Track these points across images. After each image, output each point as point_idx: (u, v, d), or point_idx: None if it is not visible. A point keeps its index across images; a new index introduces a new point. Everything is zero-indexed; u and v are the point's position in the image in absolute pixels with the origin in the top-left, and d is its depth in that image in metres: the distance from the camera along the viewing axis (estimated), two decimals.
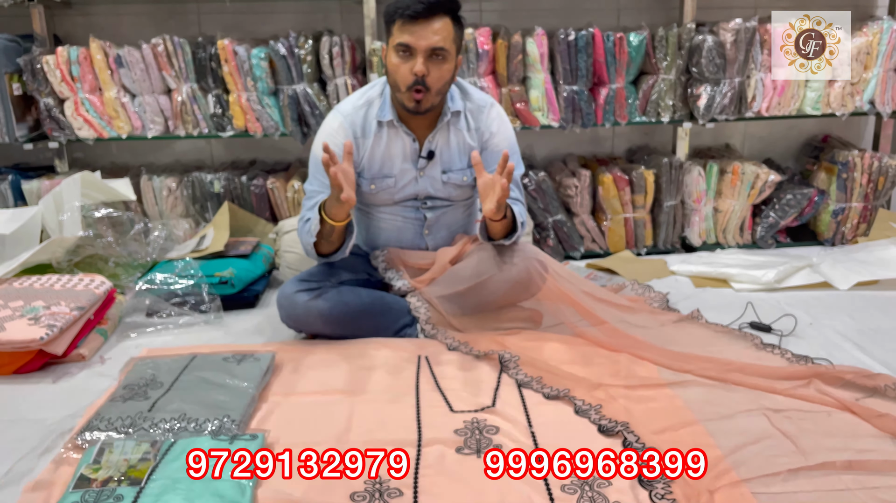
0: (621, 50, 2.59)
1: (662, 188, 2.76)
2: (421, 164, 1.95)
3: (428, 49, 1.74)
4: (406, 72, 1.77)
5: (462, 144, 1.96)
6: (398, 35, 1.76)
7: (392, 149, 1.92)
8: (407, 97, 1.80)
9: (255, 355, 1.74)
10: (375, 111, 1.92)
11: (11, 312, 1.87)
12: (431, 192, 1.98)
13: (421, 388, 1.64)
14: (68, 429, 1.52)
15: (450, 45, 1.78)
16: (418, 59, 1.75)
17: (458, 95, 1.95)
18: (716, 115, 2.71)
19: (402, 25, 1.75)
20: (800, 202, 2.77)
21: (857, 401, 1.52)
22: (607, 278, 2.47)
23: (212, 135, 2.67)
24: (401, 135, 1.92)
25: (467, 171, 1.98)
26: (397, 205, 2.00)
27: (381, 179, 1.94)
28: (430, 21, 1.74)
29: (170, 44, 2.53)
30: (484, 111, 1.97)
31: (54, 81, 2.56)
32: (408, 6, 1.72)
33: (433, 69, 1.77)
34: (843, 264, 2.44)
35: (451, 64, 1.80)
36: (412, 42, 1.74)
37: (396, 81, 1.81)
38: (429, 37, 1.74)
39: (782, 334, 1.96)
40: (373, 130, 1.91)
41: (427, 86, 1.77)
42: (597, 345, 1.84)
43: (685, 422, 1.46)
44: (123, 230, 2.41)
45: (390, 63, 1.80)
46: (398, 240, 2.05)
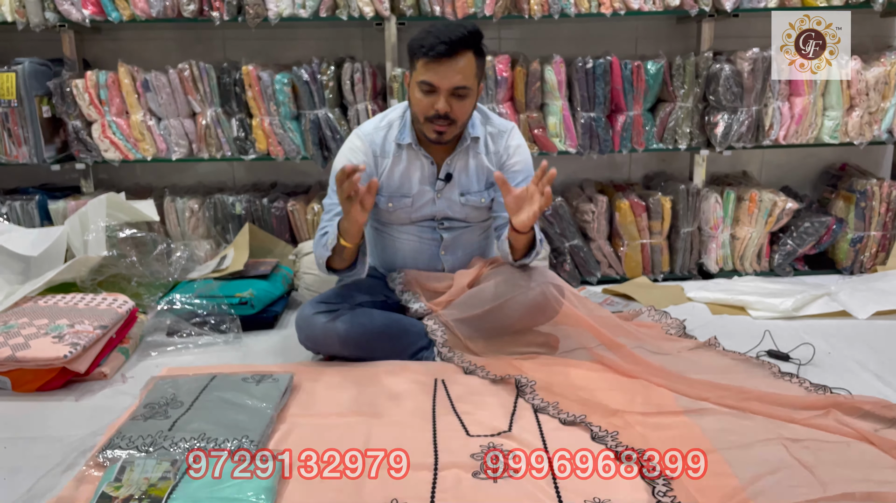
0: (639, 78, 2.62)
1: (679, 214, 2.77)
2: (439, 186, 1.98)
3: (450, 89, 1.79)
4: (428, 106, 1.82)
5: (480, 168, 2.00)
6: (422, 72, 1.79)
7: (410, 170, 1.97)
8: (428, 129, 1.86)
9: (274, 376, 1.76)
10: (395, 133, 1.96)
11: (36, 330, 1.91)
12: (449, 214, 2.02)
13: (437, 412, 1.65)
14: (90, 447, 1.54)
15: (472, 81, 1.81)
16: (441, 97, 1.79)
17: (478, 121, 2.00)
18: (733, 143, 2.72)
19: (426, 64, 1.78)
20: (818, 230, 2.76)
21: (876, 432, 1.51)
22: (624, 304, 2.48)
23: (234, 157, 2.73)
24: (420, 157, 1.97)
25: (485, 193, 2.01)
26: (414, 224, 2.03)
27: (399, 198, 1.98)
28: (454, 60, 1.76)
29: (196, 69, 2.59)
30: (504, 135, 2.02)
31: (83, 104, 2.62)
32: (431, 47, 1.74)
33: (455, 105, 1.81)
34: (861, 293, 2.42)
35: (473, 98, 1.86)
36: (435, 82, 1.78)
37: (417, 113, 1.86)
38: (451, 77, 1.77)
39: (800, 363, 1.94)
40: (392, 151, 1.96)
41: (451, 119, 1.82)
42: (614, 371, 1.84)
43: (702, 450, 1.46)
44: (146, 250, 2.46)
45: (413, 96, 1.85)
46: (415, 260, 2.07)
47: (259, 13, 2.55)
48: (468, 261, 2.09)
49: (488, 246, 2.18)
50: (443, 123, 1.82)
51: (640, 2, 2.60)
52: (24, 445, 1.58)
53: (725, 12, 2.63)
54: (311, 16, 2.57)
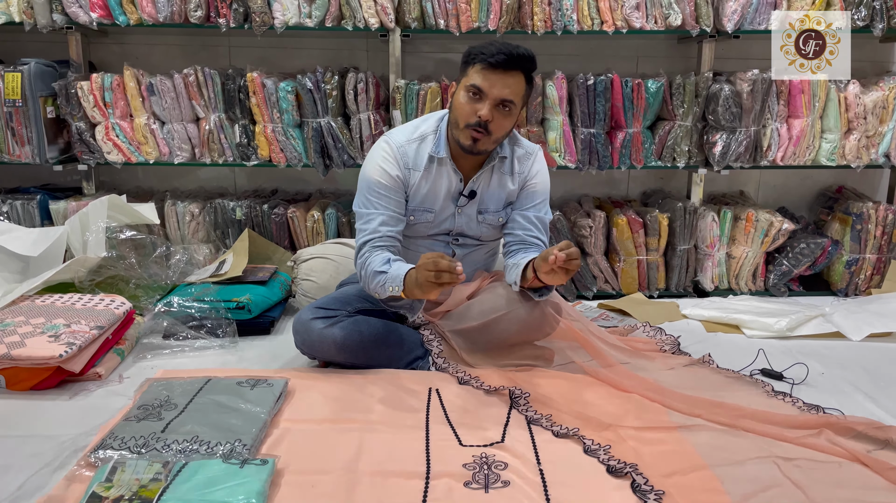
0: (639, 96, 2.65)
1: (676, 232, 2.78)
2: (461, 202, 1.97)
3: (498, 99, 1.80)
4: (471, 112, 1.81)
5: (503, 187, 1.99)
6: (473, 76, 1.81)
7: (438, 184, 1.95)
8: (465, 135, 1.84)
9: (269, 381, 1.76)
10: (429, 146, 1.94)
11: (32, 329, 1.91)
12: (465, 230, 2.01)
13: (431, 421, 1.65)
14: (82, 447, 1.54)
15: (518, 99, 1.83)
16: (486, 104, 1.80)
17: (506, 142, 1.99)
18: (731, 163, 2.74)
19: (481, 70, 1.80)
20: (813, 251, 2.78)
21: (868, 453, 1.51)
22: (619, 319, 2.49)
23: (236, 163, 2.74)
24: (448, 171, 1.95)
25: (502, 212, 2.01)
26: (429, 238, 2.03)
27: (422, 212, 1.97)
28: (508, 73, 1.79)
29: (200, 74, 2.61)
30: (530, 158, 2.02)
31: (87, 106, 2.64)
32: (492, 54, 1.77)
33: (497, 117, 1.81)
34: (856, 315, 2.43)
35: (514, 117, 1.86)
36: (485, 87, 1.79)
37: (458, 118, 1.85)
38: (501, 88, 1.79)
39: (794, 382, 1.95)
40: (423, 164, 1.94)
41: (489, 131, 1.82)
42: (608, 385, 1.84)
43: (695, 466, 1.46)
44: (145, 253, 2.47)
45: (457, 100, 1.85)
46: None
47: (265, 21, 2.57)
48: (472, 276, 2.08)
49: (493, 262, 2.19)
50: (480, 131, 1.82)
51: (641, 21, 2.63)
52: (16, 443, 1.57)
53: (726, 33, 2.67)
54: (316, 25, 2.59)
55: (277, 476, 1.40)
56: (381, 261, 1.83)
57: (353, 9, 2.57)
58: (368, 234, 1.89)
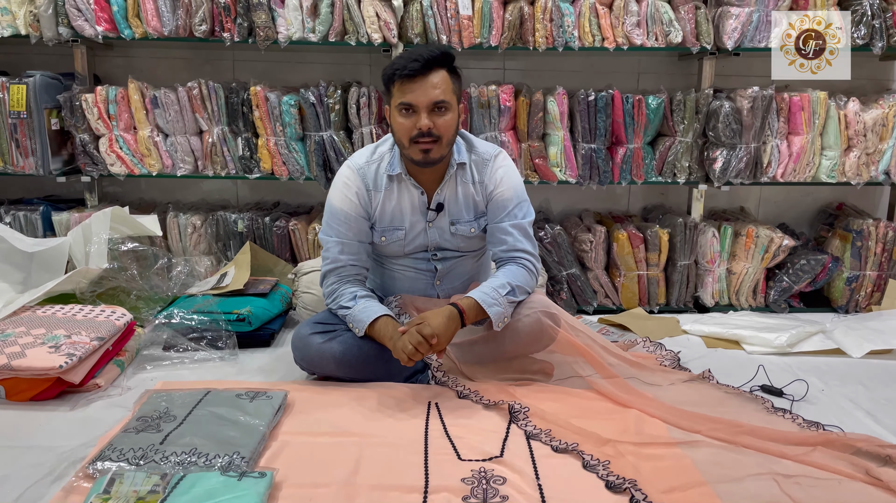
0: (640, 112, 2.66)
1: (676, 247, 2.79)
2: (430, 216, 1.98)
3: (430, 104, 1.80)
4: (410, 127, 1.82)
5: (468, 197, 1.99)
6: (398, 95, 1.82)
7: (402, 202, 1.97)
8: (414, 151, 1.85)
9: (268, 393, 1.76)
10: (385, 166, 1.96)
11: (33, 339, 1.92)
12: (441, 244, 2.02)
13: (430, 435, 1.65)
14: (80, 458, 1.54)
15: (450, 96, 1.83)
16: (422, 114, 1.81)
17: (463, 148, 2.00)
18: (731, 179, 2.75)
19: (402, 85, 1.80)
20: (814, 268, 2.78)
21: (866, 473, 1.51)
22: (619, 334, 2.48)
23: (239, 176, 2.76)
24: (409, 188, 1.97)
25: (474, 223, 2.01)
26: (408, 257, 2.03)
27: (392, 232, 1.98)
28: (428, 76, 1.79)
29: (204, 87, 2.63)
30: (488, 164, 1.99)
31: (91, 118, 2.66)
32: (404, 66, 1.79)
33: (437, 121, 1.82)
34: (856, 332, 2.43)
35: (453, 114, 1.86)
36: (413, 100, 1.80)
37: (401, 138, 1.86)
38: (428, 92, 1.79)
39: (794, 399, 1.95)
40: (384, 184, 1.96)
41: (436, 136, 1.82)
42: (607, 399, 1.84)
43: (694, 482, 1.46)
44: (147, 264, 2.47)
45: (395, 122, 1.86)
46: (411, 289, 2.08)
47: (269, 35, 2.59)
48: (464, 288, 2.08)
49: (484, 271, 2.19)
50: (427, 141, 1.82)
51: (642, 38, 2.65)
52: (15, 454, 1.58)
53: (726, 51, 2.69)
54: (320, 40, 2.61)
55: (275, 489, 1.40)
56: (348, 296, 1.90)
57: (356, 24, 2.59)
58: (330, 264, 1.94)
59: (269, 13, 2.58)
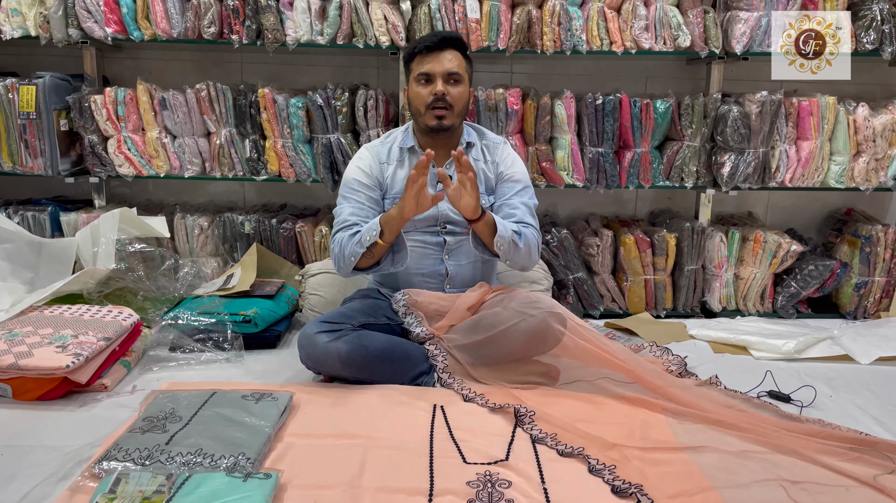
0: (647, 116, 2.66)
1: (684, 252, 2.78)
2: (440, 188, 2.06)
3: (445, 73, 2.05)
4: (427, 94, 2.05)
5: (479, 173, 2.14)
6: (417, 68, 2.07)
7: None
8: (429, 116, 2.06)
9: (274, 395, 1.76)
10: (398, 142, 2.18)
11: (40, 339, 1.92)
12: (451, 216, 2.11)
13: (435, 438, 1.64)
14: (86, 458, 1.54)
15: (462, 71, 2.08)
16: (437, 82, 2.04)
17: (473, 132, 2.22)
18: (739, 184, 2.74)
19: (421, 59, 2.06)
20: (822, 274, 2.77)
21: (875, 479, 1.50)
22: (626, 339, 2.48)
23: (246, 178, 2.76)
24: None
25: (485, 197, 2.14)
26: (418, 230, 2.12)
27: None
28: (444, 52, 2.05)
29: (213, 89, 2.64)
30: (499, 147, 2.22)
31: (100, 120, 2.67)
32: (424, 40, 2.07)
33: (451, 90, 2.05)
34: (864, 338, 2.42)
35: (465, 87, 2.10)
36: (430, 69, 2.05)
37: (418, 107, 2.08)
38: (444, 63, 2.05)
39: (802, 405, 1.94)
40: (395, 157, 2.16)
41: (449, 103, 2.04)
42: (623, 400, 1.85)
43: (700, 487, 1.45)
44: (154, 265, 2.48)
45: (412, 93, 2.09)
46: (419, 267, 2.11)
47: (277, 38, 2.60)
48: (471, 272, 2.15)
49: (492, 266, 2.24)
50: (441, 106, 2.03)
51: (651, 42, 2.65)
52: (21, 453, 1.58)
53: (735, 55, 2.68)
54: (328, 43, 2.62)
55: (280, 490, 1.39)
56: (353, 233, 1.99)
57: (364, 27, 2.60)
58: (340, 224, 2.07)
59: (278, 16, 2.59)
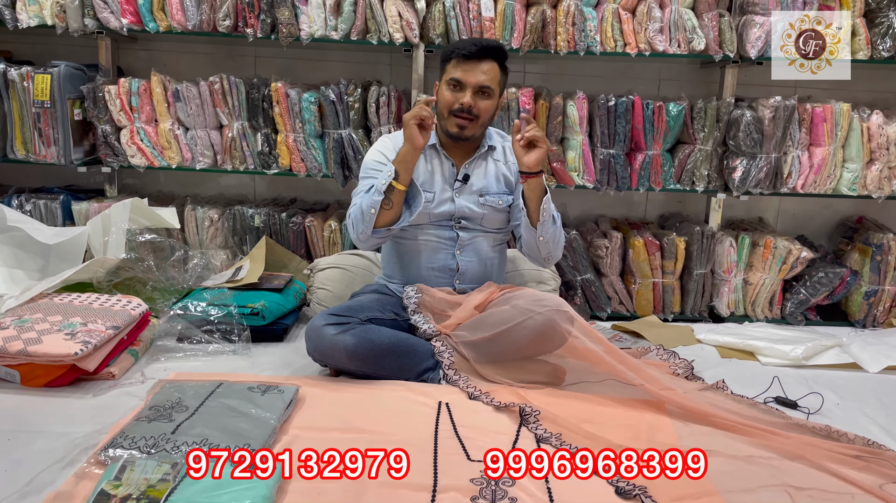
0: (660, 118, 2.65)
1: (693, 256, 2.77)
2: (457, 186, 2.12)
3: (476, 85, 2.01)
4: (453, 100, 2.04)
5: (499, 173, 2.17)
6: (452, 71, 2.04)
7: (433, 168, 2.15)
8: (451, 122, 2.06)
9: (280, 387, 1.77)
10: None
11: (49, 326, 1.93)
12: (466, 213, 2.13)
13: (440, 435, 1.64)
14: (93, 445, 1.55)
15: (495, 85, 2.05)
16: (467, 92, 2.02)
17: (496, 136, 2.23)
18: (750, 189, 2.73)
19: (457, 63, 2.03)
20: (832, 281, 2.75)
21: (880, 488, 1.49)
22: (633, 341, 2.47)
23: (257, 171, 2.77)
24: (441, 158, 2.15)
25: (503, 195, 2.16)
26: (432, 224, 2.13)
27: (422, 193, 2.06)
28: (481, 62, 2.02)
29: (226, 82, 2.65)
30: None
31: (114, 110, 2.69)
32: (464, 47, 2.02)
33: (479, 102, 2.03)
34: (873, 347, 2.40)
35: (494, 101, 2.07)
36: (463, 78, 2.02)
37: (442, 109, 2.07)
38: (478, 75, 2.01)
39: (809, 412, 1.93)
40: None
41: (474, 115, 2.03)
42: (621, 401, 1.84)
43: (705, 491, 1.44)
44: (164, 256, 2.49)
45: (441, 94, 2.08)
46: (430, 261, 2.13)
47: (292, 32, 2.61)
48: (481, 270, 2.15)
49: (500, 266, 2.23)
50: (464, 117, 2.03)
51: (665, 44, 2.64)
52: (28, 439, 1.59)
53: (749, 59, 2.67)
54: (342, 38, 2.63)
55: (285, 482, 1.40)
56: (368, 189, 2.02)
57: (378, 23, 2.60)
58: (356, 197, 2.07)
59: (293, 10, 2.60)
